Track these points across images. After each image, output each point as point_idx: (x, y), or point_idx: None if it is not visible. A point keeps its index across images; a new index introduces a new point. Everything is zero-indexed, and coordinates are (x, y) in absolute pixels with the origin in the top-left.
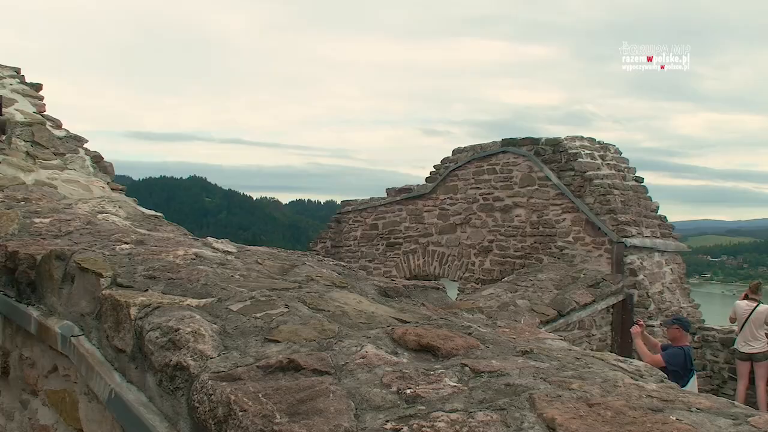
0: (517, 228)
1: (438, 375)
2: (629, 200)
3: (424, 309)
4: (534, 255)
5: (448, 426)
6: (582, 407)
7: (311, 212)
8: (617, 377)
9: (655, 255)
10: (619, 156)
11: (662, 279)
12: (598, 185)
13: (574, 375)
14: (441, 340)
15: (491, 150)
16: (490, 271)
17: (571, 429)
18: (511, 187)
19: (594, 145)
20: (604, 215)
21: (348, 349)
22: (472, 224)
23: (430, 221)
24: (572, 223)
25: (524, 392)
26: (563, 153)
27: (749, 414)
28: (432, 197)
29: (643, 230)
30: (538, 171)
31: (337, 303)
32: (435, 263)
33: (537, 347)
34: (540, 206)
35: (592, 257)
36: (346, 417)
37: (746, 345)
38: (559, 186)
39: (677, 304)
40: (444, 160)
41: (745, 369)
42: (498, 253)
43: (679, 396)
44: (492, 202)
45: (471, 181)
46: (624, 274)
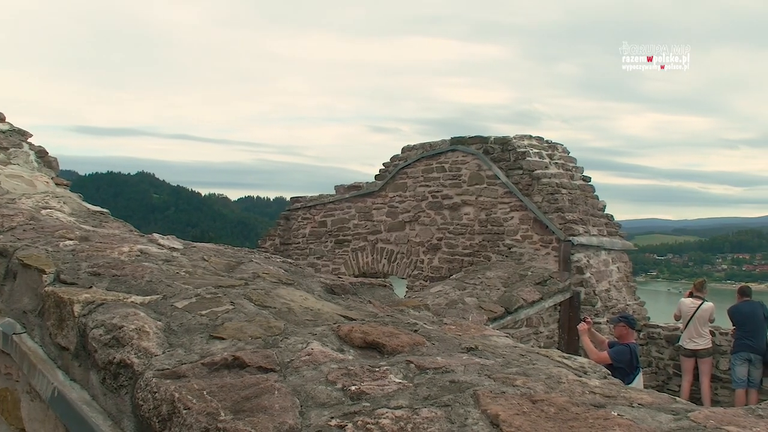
0: (466, 226)
1: (383, 372)
2: (576, 199)
3: (371, 306)
4: (482, 253)
5: (393, 422)
6: (526, 403)
7: (260, 209)
8: (561, 374)
9: (602, 253)
10: (566, 155)
11: (609, 277)
12: (546, 184)
13: (518, 371)
14: (387, 337)
15: (440, 148)
16: (438, 269)
17: (515, 425)
18: (460, 185)
19: (542, 144)
20: (551, 214)
21: (294, 346)
22: (420, 222)
23: (379, 219)
24: (520, 222)
25: (469, 389)
26: (512, 152)
27: (689, 409)
28: (381, 195)
29: (590, 229)
30: (487, 169)
31: (283, 300)
32: (384, 261)
33: (482, 344)
34: (488, 204)
35: (540, 255)
36: (291, 414)
37: (691, 342)
38: (508, 184)
39: (623, 301)
40: (393, 158)
41: (690, 365)
42: (446, 251)
43: (621, 392)
44: (441, 200)
45: (420, 179)
46: (571, 272)
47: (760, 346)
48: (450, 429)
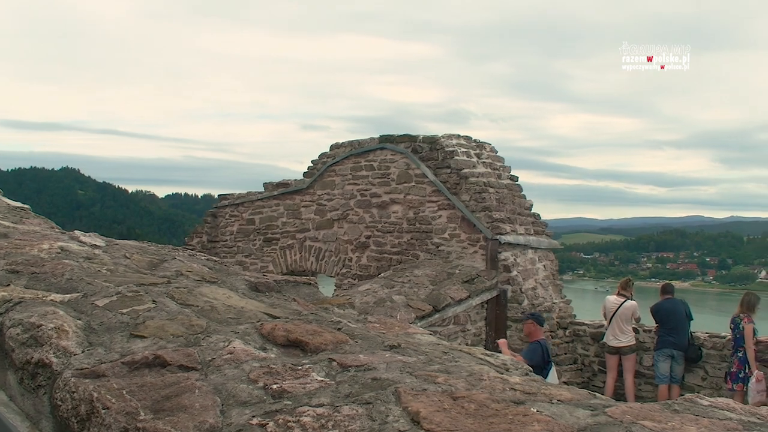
0: (394, 224)
1: (305, 370)
2: (504, 198)
3: (295, 304)
4: (410, 251)
5: (314, 420)
6: (446, 400)
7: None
8: (483, 371)
9: (529, 252)
10: (494, 154)
11: (535, 275)
12: (473, 183)
13: (440, 369)
14: (310, 335)
15: (369, 146)
16: (366, 267)
17: (435, 422)
18: (389, 183)
19: (470, 144)
20: (479, 212)
21: (216, 344)
22: (349, 220)
23: (308, 216)
24: (448, 220)
25: (390, 386)
26: (440, 151)
27: (607, 405)
28: (309, 192)
29: (517, 227)
30: (415, 168)
31: (206, 298)
32: (312, 259)
33: (405, 342)
34: (417, 203)
35: (468, 254)
36: (211, 413)
37: (614, 339)
38: (436, 183)
39: (550, 299)
40: (322, 156)
41: (614, 362)
42: (375, 249)
43: (541, 389)
44: (369, 198)
45: (348, 177)
46: (498, 270)
47: (682, 342)
48: (371, 426)
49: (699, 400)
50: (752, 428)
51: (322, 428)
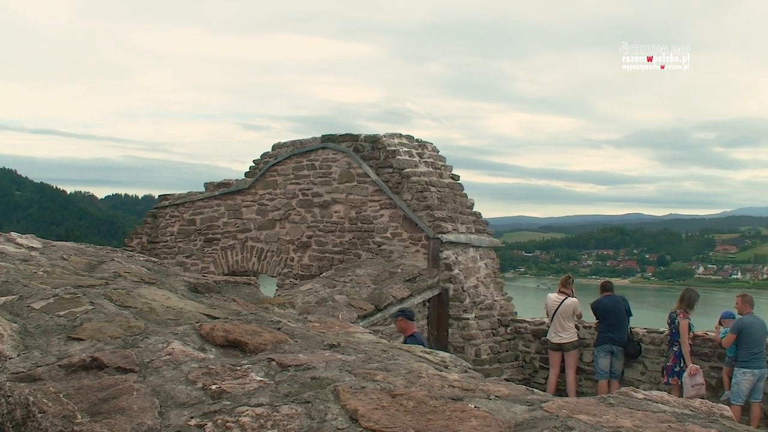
0: (336, 224)
1: (245, 370)
2: (445, 197)
3: (235, 305)
4: (352, 250)
5: (253, 420)
6: (385, 398)
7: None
8: (422, 368)
9: (470, 250)
10: (436, 154)
11: (477, 273)
12: (415, 182)
13: (379, 367)
14: (249, 335)
15: (311, 146)
16: (308, 267)
17: (373, 419)
18: (330, 183)
19: (412, 143)
20: (421, 211)
21: (154, 346)
22: (291, 220)
23: (249, 217)
24: (390, 219)
25: (329, 385)
26: (382, 150)
27: (544, 400)
28: (251, 192)
29: (458, 226)
30: (357, 167)
31: (144, 299)
32: (254, 259)
33: (345, 341)
34: (358, 202)
35: (409, 252)
36: (149, 415)
37: (556, 336)
38: (378, 182)
39: (491, 297)
40: (263, 155)
41: (557, 359)
42: (317, 249)
43: (479, 385)
44: (311, 197)
45: (290, 177)
46: (440, 268)
47: (621, 338)
48: (309, 425)
49: (634, 394)
50: (685, 420)
51: (261, 428)
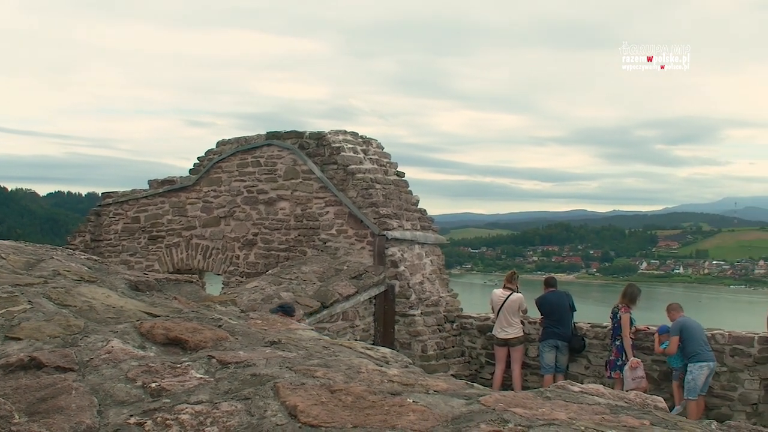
0: (282, 221)
1: (185, 368)
2: (391, 194)
3: (176, 303)
4: (298, 248)
5: (192, 417)
6: (324, 394)
7: (71, 205)
8: (362, 364)
9: (416, 247)
10: (381, 150)
11: (422, 270)
12: (360, 179)
13: (319, 363)
14: (190, 333)
15: (256, 143)
16: (254, 265)
17: (312, 415)
18: (276, 180)
19: (357, 140)
20: (366, 208)
21: (94, 344)
22: (236, 217)
23: (194, 214)
24: (335, 216)
25: (269, 381)
26: (327, 147)
27: (482, 394)
28: (196, 189)
29: (404, 223)
30: (302, 164)
31: (84, 298)
32: (199, 257)
33: (286, 338)
34: (304, 199)
35: (355, 249)
36: (88, 413)
37: (502, 331)
38: (323, 179)
39: (437, 293)
40: (208, 152)
41: (502, 354)
42: (262, 246)
43: (419, 380)
44: (256, 194)
45: (235, 174)
46: (386, 265)
47: (566, 333)
48: (249, 421)
49: (570, 387)
50: (619, 412)
51: (200, 425)
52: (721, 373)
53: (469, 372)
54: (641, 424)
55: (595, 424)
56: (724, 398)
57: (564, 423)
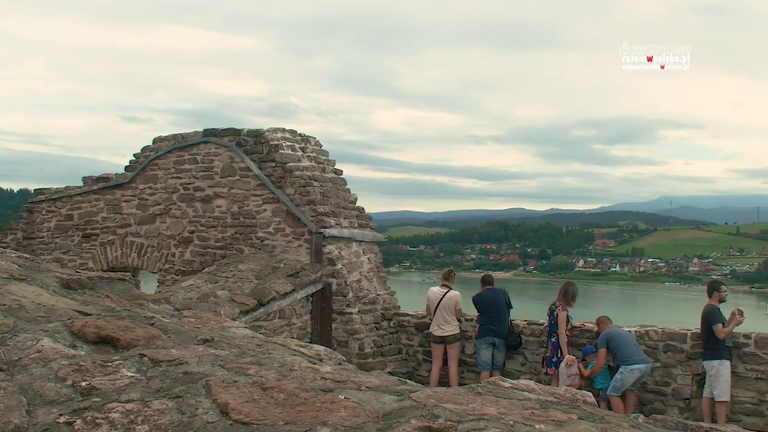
0: (218, 218)
1: (116, 366)
2: (328, 192)
3: (109, 301)
4: (235, 245)
5: (123, 416)
6: (256, 391)
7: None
8: (295, 362)
9: (353, 245)
10: (319, 148)
11: (360, 268)
12: (298, 176)
13: (252, 361)
14: (121, 331)
15: (193, 140)
16: (190, 263)
17: (243, 412)
18: (213, 177)
19: (295, 137)
20: (303, 206)
21: (23, 343)
22: (172, 215)
23: (129, 211)
24: (273, 214)
25: (201, 379)
26: (264, 144)
27: (413, 390)
28: (131, 187)
29: (341, 221)
30: (240, 162)
31: (14, 296)
32: (134, 255)
33: (220, 336)
34: (241, 197)
35: (292, 247)
36: (17, 413)
37: (439, 329)
38: (260, 177)
39: (374, 291)
40: (145, 149)
41: (439, 351)
42: (199, 244)
43: (351, 377)
44: (193, 192)
45: (172, 171)
46: (323, 263)
47: (502, 330)
48: (180, 420)
49: (501, 383)
50: (548, 407)
51: (131, 423)
52: (654, 369)
53: (406, 369)
54: (569, 419)
55: (524, 419)
56: (658, 393)
57: (493, 418)
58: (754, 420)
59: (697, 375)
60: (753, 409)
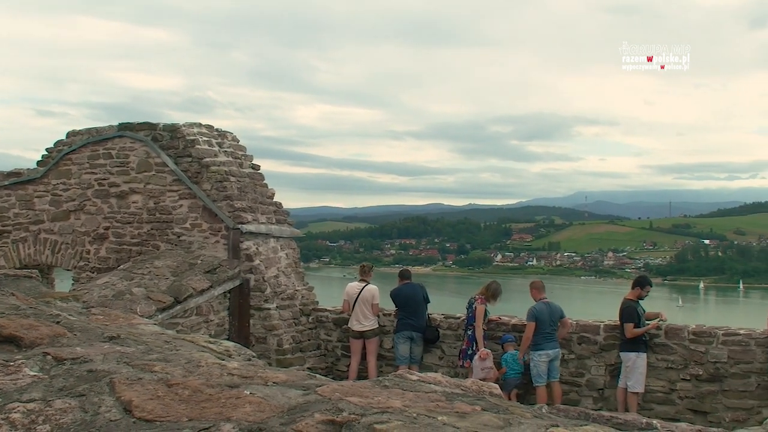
0: (134, 215)
1: (18, 365)
2: (246, 187)
3: (14, 299)
4: (151, 242)
5: (24, 416)
6: (161, 388)
7: None
8: (202, 358)
9: (271, 240)
10: (236, 143)
11: (278, 263)
12: (215, 172)
13: (159, 358)
14: (25, 329)
15: (108, 134)
16: (106, 260)
17: (147, 410)
18: (128, 172)
19: (212, 132)
20: (220, 202)
21: None
22: (86, 211)
23: (42, 208)
24: (189, 210)
25: (105, 377)
26: (181, 139)
27: (320, 384)
28: (43, 182)
29: (259, 216)
30: (156, 157)
31: None
32: (47, 252)
33: (127, 333)
34: (157, 192)
35: (210, 243)
36: None
37: (358, 324)
38: (177, 172)
39: (293, 287)
40: (58, 143)
41: (358, 346)
42: (114, 241)
43: (259, 372)
44: (108, 187)
45: (86, 166)
46: (240, 259)
47: (420, 324)
48: (83, 418)
49: (409, 376)
50: (454, 399)
51: (32, 423)
52: (569, 360)
53: (325, 365)
54: (473, 410)
55: (427, 411)
56: (573, 384)
57: (397, 410)
58: (665, 408)
59: (611, 366)
60: (664, 397)
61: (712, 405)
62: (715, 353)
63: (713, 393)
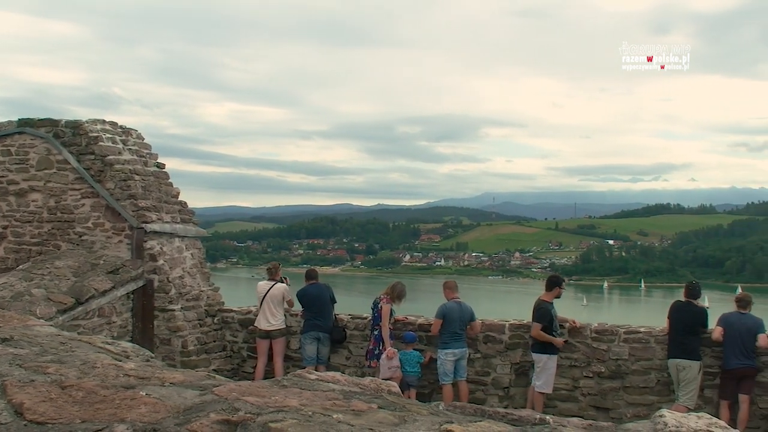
0: (34, 213)
1: None
2: (150, 186)
3: None
4: (52, 242)
5: None
6: (54, 390)
7: None
8: (99, 359)
9: (176, 240)
10: (141, 141)
11: (183, 264)
12: (119, 170)
13: (53, 359)
14: None
15: (6, 130)
16: (4, 260)
17: (39, 412)
18: (28, 170)
19: (116, 130)
20: (124, 201)
21: None
22: None
23: None
24: (92, 209)
25: None
26: (84, 136)
27: (217, 384)
28: None
29: (163, 216)
30: (57, 154)
31: None
32: None
33: (21, 334)
34: (58, 191)
35: (113, 243)
36: None
37: (266, 322)
38: (79, 170)
39: (198, 287)
40: None
41: (264, 347)
42: (13, 240)
43: (156, 373)
44: (6, 185)
45: None
46: (144, 259)
47: (327, 325)
48: None
49: (307, 375)
50: (351, 397)
51: None
52: (475, 359)
53: (231, 366)
54: (369, 408)
55: (323, 409)
56: (479, 383)
57: (293, 409)
58: (569, 405)
59: (516, 364)
60: (567, 395)
61: (614, 401)
62: (616, 351)
63: (615, 390)
